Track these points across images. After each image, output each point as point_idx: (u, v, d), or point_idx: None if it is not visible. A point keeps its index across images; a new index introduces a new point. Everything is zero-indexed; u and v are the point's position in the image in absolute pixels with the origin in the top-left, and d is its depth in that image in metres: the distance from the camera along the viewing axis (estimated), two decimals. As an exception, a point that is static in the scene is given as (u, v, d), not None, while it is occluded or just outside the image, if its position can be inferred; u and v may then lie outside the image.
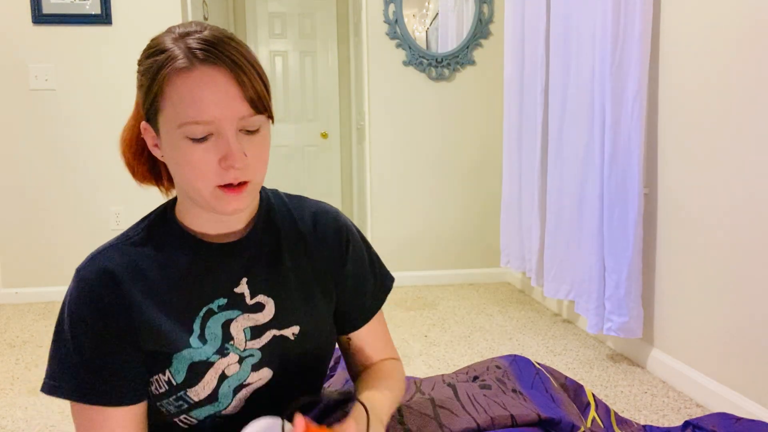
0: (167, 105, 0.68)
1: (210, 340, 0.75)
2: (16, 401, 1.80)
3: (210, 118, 0.67)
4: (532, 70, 2.57)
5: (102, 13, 2.84)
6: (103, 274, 0.73)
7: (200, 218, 0.78)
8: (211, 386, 0.75)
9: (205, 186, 0.69)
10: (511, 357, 1.16)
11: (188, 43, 0.68)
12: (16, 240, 2.92)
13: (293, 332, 0.80)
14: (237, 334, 0.77)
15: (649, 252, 1.91)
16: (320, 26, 4.68)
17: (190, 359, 0.74)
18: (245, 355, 0.77)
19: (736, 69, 1.54)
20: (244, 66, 0.68)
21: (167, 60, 0.68)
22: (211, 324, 0.76)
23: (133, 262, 0.75)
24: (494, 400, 0.96)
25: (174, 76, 0.67)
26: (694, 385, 1.71)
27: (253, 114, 0.69)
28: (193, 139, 0.68)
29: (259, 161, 0.72)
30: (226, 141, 0.68)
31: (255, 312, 0.78)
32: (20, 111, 2.86)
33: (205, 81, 0.66)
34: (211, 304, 0.76)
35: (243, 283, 0.79)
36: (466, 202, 3.22)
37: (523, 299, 2.88)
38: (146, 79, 0.71)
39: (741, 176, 1.53)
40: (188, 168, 0.69)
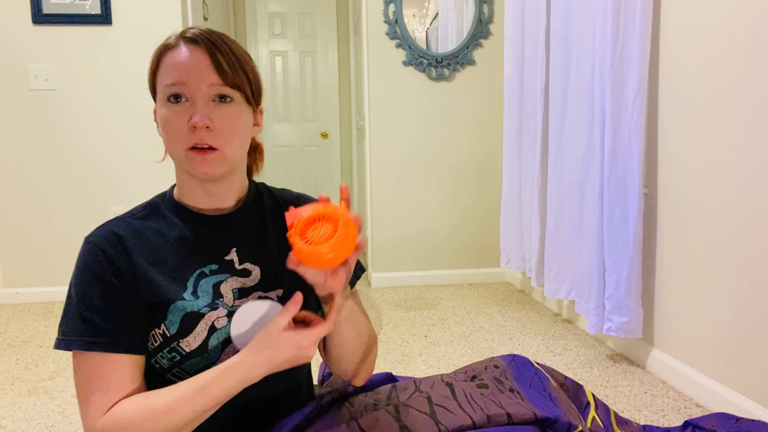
0: (159, 76, 0.82)
1: (202, 296, 0.83)
2: (16, 401, 1.80)
3: (183, 80, 0.79)
4: (532, 70, 2.57)
5: (102, 13, 2.84)
6: (109, 235, 0.83)
7: (194, 193, 0.88)
8: (201, 337, 0.81)
9: (179, 147, 0.80)
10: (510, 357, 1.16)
11: (185, 32, 0.83)
12: (16, 240, 2.92)
13: (277, 294, 0.88)
14: (226, 293, 0.85)
15: (649, 252, 1.91)
16: (320, 26, 4.68)
17: (183, 310, 0.81)
18: (233, 310, 0.83)
19: (736, 68, 1.54)
20: (221, 48, 0.81)
21: (163, 43, 0.84)
22: (203, 283, 0.84)
23: (136, 231, 0.85)
24: (491, 399, 0.97)
25: (166, 51, 0.82)
26: (694, 385, 1.71)
27: (222, 85, 0.79)
28: (169, 99, 0.80)
29: (227, 131, 0.81)
30: (194, 103, 0.79)
31: (243, 276, 0.87)
32: (20, 111, 2.86)
33: (184, 53, 0.80)
34: (203, 268, 0.85)
35: (233, 252, 0.88)
36: (466, 202, 3.22)
37: (523, 299, 2.88)
38: (151, 60, 0.85)
39: (741, 176, 1.53)
40: (167, 129, 0.80)
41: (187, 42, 0.81)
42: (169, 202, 0.90)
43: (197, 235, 0.87)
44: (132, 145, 2.94)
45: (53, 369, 2.05)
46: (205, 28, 0.83)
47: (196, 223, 0.88)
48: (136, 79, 2.87)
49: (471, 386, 1.01)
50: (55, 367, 2.06)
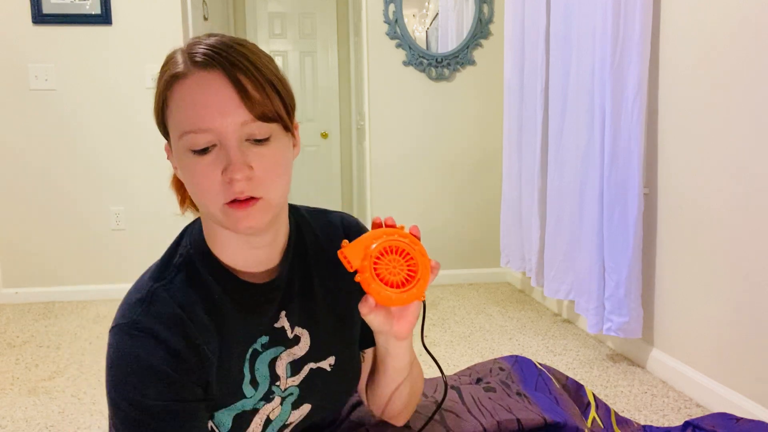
0: (170, 115, 0.66)
1: (260, 383, 0.73)
2: (16, 401, 1.79)
3: (206, 125, 0.62)
4: (532, 70, 2.57)
5: (102, 13, 2.84)
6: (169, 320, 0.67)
7: (232, 249, 0.72)
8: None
9: (214, 204, 0.65)
10: (513, 358, 1.16)
11: (191, 49, 0.65)
12: (16, 240, 2.92)
13: (330, 363, 0.79)
14: (282, 373, 0.75)
15: (649, 252, 1.91)
16: (320, 26, 4.68)
17: (240, 409, 0.71)
18: (285, 395, 0.76)
19: (737, 68, 1.54)
20: (244, 68, 0.63)
21: (168, 66, 0.67)
22: (259, 365, 0.73)
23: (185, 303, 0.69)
24: (499, 404, 0.96)
25: (173, 83, 0.65)
26: (694, 385, 1.71)
27: (254, 120, 0.63)
28: (194, 151, 0.63)
29: (269, 175, 0.65)
30: (226, 151, 0.63)
31: (294, 345, 0.76)
32: (20, 111, 2.86)
33: (200, 85, 0.63)
34: (255, 344, 0.73)
35: (282, 317, 0.76)
36: (466, 202, 3.22)
37: (523, 299, 2.88)
38: (155, 89, 0.69)
39: (741, 176, 1.53)
40: (195, 184, 0.65)
41: (199, 68, 0.63)
42: (205, 259, 0.72)
43: (245, 305, 0.73)
44: (132, 145, 2.93)
45: (53, 369, 2.05)
46: (216, 40, 0.66)
47: (243, 290, 0.73)
48: (136, 79, 2.87)
49: (478, 389, 1.01)
50: (55, 367, 2.06)
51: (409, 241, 0.69)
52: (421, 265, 0.68)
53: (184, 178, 0.68)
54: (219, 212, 0.65)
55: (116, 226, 2.96)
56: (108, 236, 2.96)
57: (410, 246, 0.69)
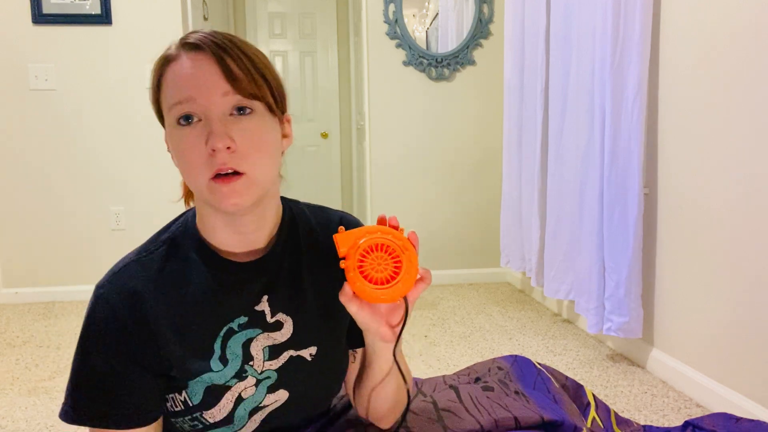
0: (163, 96, 0.70)
1: (231, 360, 0.74)
2: (16, 401, 1.80)
3: (190, 94, 0.66)
4: (532, 70, 2.57)
5: (102, 13, 2.84)
6: (124, 293, 0.71)
7: (220, 232, 0.75)
8: (227, 409, 0.74)
9: (200, 179, 0.68)
10: (512, 358, 1.16)
11: (184, 37, 0.71)
12: (16, 240, 2.92)
13: (310, 353, 0.79)
14: (257, 354, 0.76)
15: (649, 252, 1.91)
16: (320, 26, 4.68)
17: (209, 382, 0.73)
18: (262, 377, 0.76)
19: (737, 68, 1.54)
20: (230, 50, 0.68)
21: (162, 55, 0.72)
22: (231, 344, 0.74)
23: (154, 280, 0.73)
24: (497, 402, 0.96)
25: (165, 65, 0.70)
26: (694, 385, 1.71)
27: (235, 93, 0.67)
28: (180, 122, 0.67)
29: (251, 149, 0.68)
30: (209, 123, 0.66)
31: (274, 330, 0.77)
32: (20, 111, 2.86)
33: (188, 64, 0.68)
34: (231, 323, 0.75)
35: (264, 300, 0.77)
36: (466, 202, 3.22)
37: (523, 299, 2.88)
38: (151, 79, 0.73)
39: (741, 176, 1.53)
40: (182, 158, 0.68)
41: (189, 49, 0.69)
42: (191, 239, 0.76)
43: (225, 283, 0.75)
44: (132, 145, 2.93)
45: (53, 369, 2.05)
46: (210, 30, 0.71)
47: (223, 269, 0.75)
48: (136, 79, 2.87)
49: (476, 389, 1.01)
50: (55, 367, 2.06)
51: (402, 244, 0.69)
52: (405, 269, 0.68)
53: (175, 157, 0.70)
54: (205, 188, 0.68)
55: (116, 226, 2.96)
56: (108, 236, 2.96)
57: (401, 249, 0.69)
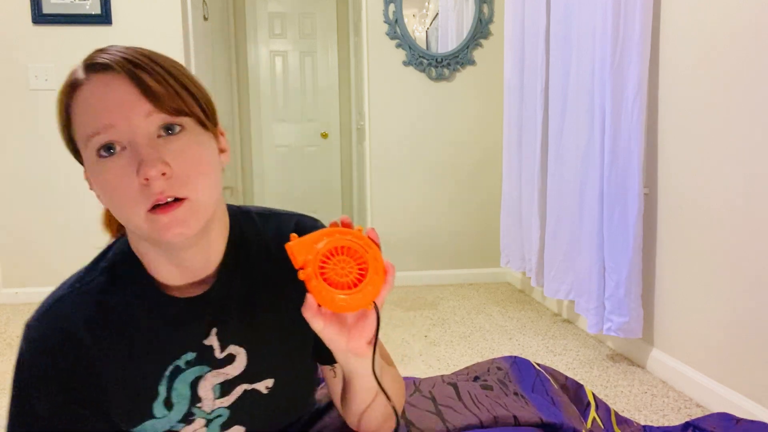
0: (75, 128, 0.63)
1: (177, 404, 0.68)
2: (16, 401, 1.79)
3: (107, 121, 0.59)
4: (532, 70, 2.57)
5: (102, 13, 2.84)
6: (59, 334, 0.65)
7: (161, 266, 0.68)
8: None
9: (135, 213, 0.60)
10: (512, 358, 1.16)
11: (89, 59, 0.63)
12: (16, 240, 2.92)
13: (266, 385, 0.72)
14: (205, 395, 0.69)
15: (649, 252, 1.91)
16: (320, 26, 4.68)
17: (154, 430, 0.67)
18: (212, 416, 0.70)
19: (737, 68, 1.54)
20: (144, 65, 0.60)
21: (67, 79, 0.64)
22: (177, 385, 0.68)
23: (92, 318, 0.66)
24: (497, 401, 0.96)
25: (72, 93, 0.62)
26: (694, 385, 1.71)
27: (159, 111, 0.60)
28: (101, 153, 0.60)
29: (190, 171, 0.60)
30: (137, 149, 0.59)
31: (225, 365, 0.70)
32: (20, 111, 2.86)
33: (99, 88, 0.60)
34: (178, 361, 0.68)
35: (213, 334, 0.70)
36: (466, 202, 3.22)
37: (523, 299, 2.88)
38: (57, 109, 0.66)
39: (741, 176, 1.53)
40: (111, 193, 0.61)
41: (97, 71, 0.60)
42: (132, 267, 0.69)
43: (170, 320, 0.68)
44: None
45: (53, 369, 2.04)
46: (115, 48, 0.63)
47: (167, 306, 0.68)
48: (136, 79, 2.87)
49: (475, 386, 1.01)
50: (55, 367, 2.06)
51: (363, 243, 0.62)
52: (372, 270, 0.62)
53: (100, 193, 0.63)
54: (143, 222, 0.60)
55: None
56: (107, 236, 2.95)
57: (363, 248, 0.62)
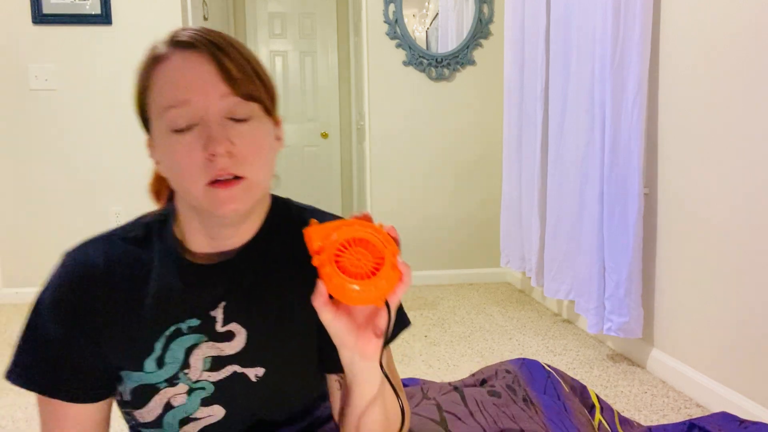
0: (152, 99, 0.66)
1: (167, 364, 0.70)
2: (16, 401, 1.79)
3: (186, 97, 0.62)
4: (532, 70, 2.57)
5: (102, 13, 2.84)
6: (84, 266, 0.70)
7: (197, 235, 0.72)
8: (155, 413, 0.70)
9: (195, 185, 0.64)
10: (520, 360, 1.14)
11: (174, 35, 0.67)
12: (16, 240, 2.92)
13: (256, 374, 0.72)
14: (195, 363, 0.71)
15: (649, 252, 1.91)
16: (320, 26, 4.68)
17: (138, 382, 0.70)
18: (196, 387, 0.71)
19: (736, 68, 1.54)
20: (226, 49, 0.64)
21: (150, 52, 0.67)
22: (174, 346, 0.70)
23: (116, 262, 0.71)
24: (504, 411, 0.93)
25: (155, 65, 0.66)
26: (694, 385, 1.71)
27: (234, 94, 0.64)
28: (175, 129, 0.63)
29: (251, 153, 0.65)
30: (207, 127, 0.63)
31: (222, 341, 0.71)
32: (20, 111, 2.86)
33: (181, 64, 0.64)
34: (181, 323, 0.70)
35: (220, 306, 0.72)
36: (466, 202, 3.22)
37: (523, 299, 2.88)
38: (136, 78, 0.69)
39: (741, 176, 1.53)
40: (176, 164, 0.64)
41: (181, 48, 0.64)
42: (165, 231, 0.74)
43: (186, 283, 0.71)
44: (132, 145, 2.93)
45: (53, 369, 2.04)
46: (201, 28, 0.67)
47: (186, 267, 0.72)
48: (136, 79, 2.87)
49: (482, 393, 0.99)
50: (55, 367, 2.06)
51: (382, 238, 0.61)
52: (388, 264, 0.60)
53: (164, 162, 0.67)
54: (201, 194, 0.64)
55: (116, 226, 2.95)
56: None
57: (381, 243, 0.61)
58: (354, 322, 0.64)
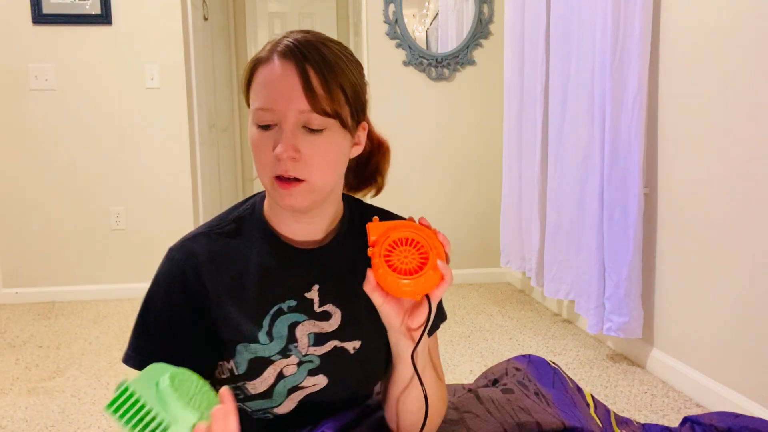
0: (251, 92, 0.76)
1: (276, 338, 0.78)
2: (16, 401, 1.80)
3: (271, 105, 0.71)
4: (532, 70, 2.57)
5: (102, 13, 2.84)
6: (191, 256, 0.78)
7: (284, 222, 0.81)
8: (268, 383, 0.78)
9: (265, 174, 0.73)
10: (526, 358, 1.15)
11: (279, 40, 0.75)
12: (16, 240, 2.92)
13: (354, 346, 0.82)
14: (301, 338, 0.79)
15: (649, 252, 1.91)
16: (320, 26, 4.68)
17: (254, 354, 0.77)
18: (305, 359, 0.79)
19: (736, 68, 1.54)
20: (315, 64, 0.71)
21: (258, 54, 0.76)
22: (278, 323, 0.78)
23: (218, 253, 0.79)
24: (519, 405, 0.96)
25: (258, 65, 0.74)
26: (694, 385, 1.71)
27: (312, 111, 0.70)
28: (258, 125, 0.73)
29: (316, 162, 0.72)
30: (282, 131, 0.71)
31: (321, 320, 0.80)
32: (20, 111, 2.86)
33: (275, 71, 0.72)
34: (281, 304, 0.79)
35: (314, 289, 0.81)
36: (466, 202, 3.22)
37: (523, 299, 2.88)
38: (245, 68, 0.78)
39: (741, 176, 1.53)
40: (254, 153, 0.74)
41: (279, 56, 0.72)
42: (257, 221, 0.82)
43: (281, 265, 0.80)
44: (132, 145, 2.94)
45: (53, 369, 2.05)
46: (302, 36, 0.74)
47: (281, 252, 0.81)
48: (136, 79, 2.87)
49: (496, 391, 1.00)
50: (55, 367, 2.06)
51: (431, 242, 0.70)
52: (430, 265, 0.69)
53: (251, 146, 0.76)
54: (268, 184, 0.74)
55: (116, 226, 2.96)
56: (108, 236, 2.96)
57: (430, 246, 0.70)
58: (402, 307, 0.73)
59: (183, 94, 2.94)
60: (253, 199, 0.86)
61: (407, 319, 0.73)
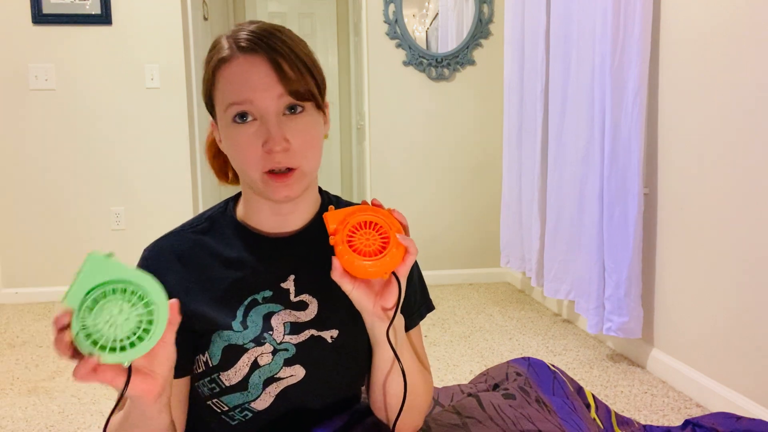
0: (217, 93, 0.75)
1: (251, 327, 0.78)
2: (16, 401, 1.80)
3: (247, 97, 0.71)
4: (532, 70, 2.57)
5: (102, 13, 2.84)
6: (164, 252, 0.79)
7: (261, 214, 0.81)
8: (242, 373, 0.77)
9: (255, 171, 0.73)
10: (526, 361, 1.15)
11: (236, 35, 0.74)
12: (16, 240, 2.92)
13: (332, 335, 0.81)
14: (277, 326, 0.79)
15: (649, 252, 1.91)
16: (320, 26, 4.68)
17: (227, 341, 0.77)
18: (280, 348, 0.79)
19: (736, 68, 1.54)
20: (282, 52, 0.72)
21: (216, 52, 0.76)
22: (253, 314, 0.79)
23: (188, 249, 0.80)
24: (521, 413, 0.95)
25: (221, 65, 0.74)
26: (694, 385, 1.71)
27: (288, 94, 0.72)
28: (236, 119, 0.73)
29: (304, 146, 0.74)
30: (266, 125, 0.72)
31: (297, 310, 0.80)
32: (20, 111, 2.86)
33: (244, 66, 0.72)
34: (256, 295, 0.79)
35: (290, 279, 0.81)
36: (466, 202, 3.22)
37: (523, 299, 2.88)
38: (204, 72, 0.78)
39: (741, 176, 1.53)
40: (238, 152, 0.74)
41: (243, 52, 0.73)
42: (230, 220, 0.83)
43: (255, 258, 0.81)
44: (132, 145, 2.94)
45: (53, 369, 2.05)
46: (257, 27, 0.75)
47: (255, 244, 0.81)
48: (136, 79, 2.87)
49: (497, 396, 1.00)
50: (55, 367, 2.06)
51: (389, 221, 0.72)
52: (393, 244, 0.70)
53: (227, 147, 0.77)
54: (259, 181, 0.74)
55: (116, 226, 2.96)
56: (108, 236, 2.96)
57: (388, 226, 0.71)
58: (371, 290, 0.73)
59: (183, 94, 2.94)
60: (225, 202, 0.87)
61: (380, 300, 0.73)
